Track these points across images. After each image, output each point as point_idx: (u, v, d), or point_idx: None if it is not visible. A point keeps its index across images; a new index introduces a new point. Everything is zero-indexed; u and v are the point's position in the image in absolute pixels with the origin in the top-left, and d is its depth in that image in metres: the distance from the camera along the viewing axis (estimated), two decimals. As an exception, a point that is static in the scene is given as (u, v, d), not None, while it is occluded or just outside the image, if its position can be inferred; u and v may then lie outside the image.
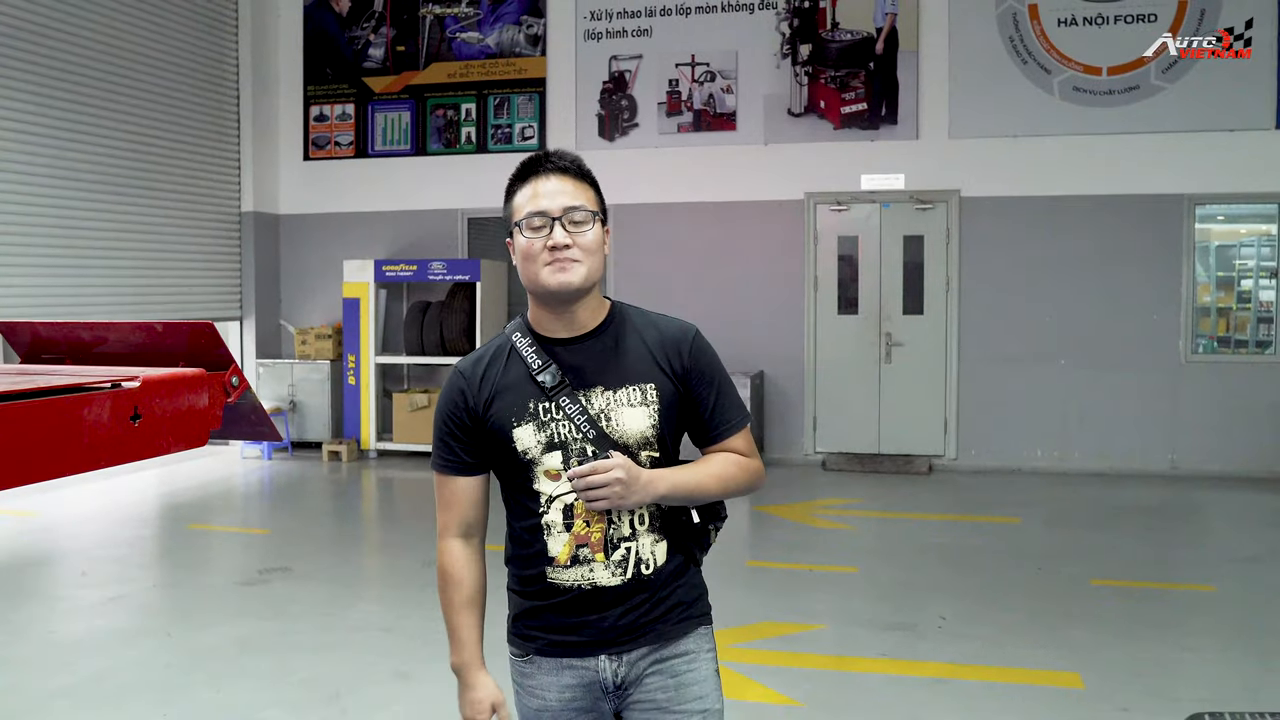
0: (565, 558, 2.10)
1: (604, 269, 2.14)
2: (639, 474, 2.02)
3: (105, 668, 4.99)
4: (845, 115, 10.38)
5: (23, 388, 2.05)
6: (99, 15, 9.76)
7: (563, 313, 2.12)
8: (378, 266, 11.09)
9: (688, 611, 2.17)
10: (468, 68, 11.37)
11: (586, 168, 2.17)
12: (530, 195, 2.09)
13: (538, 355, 2.12)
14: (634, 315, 2.21)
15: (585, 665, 2.13)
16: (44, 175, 9.24)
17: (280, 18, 11.93)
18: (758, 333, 10.60)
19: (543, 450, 2.09)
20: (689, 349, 2.16)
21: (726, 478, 2.15)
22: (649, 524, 2.12)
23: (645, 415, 2.10)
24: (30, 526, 8.12)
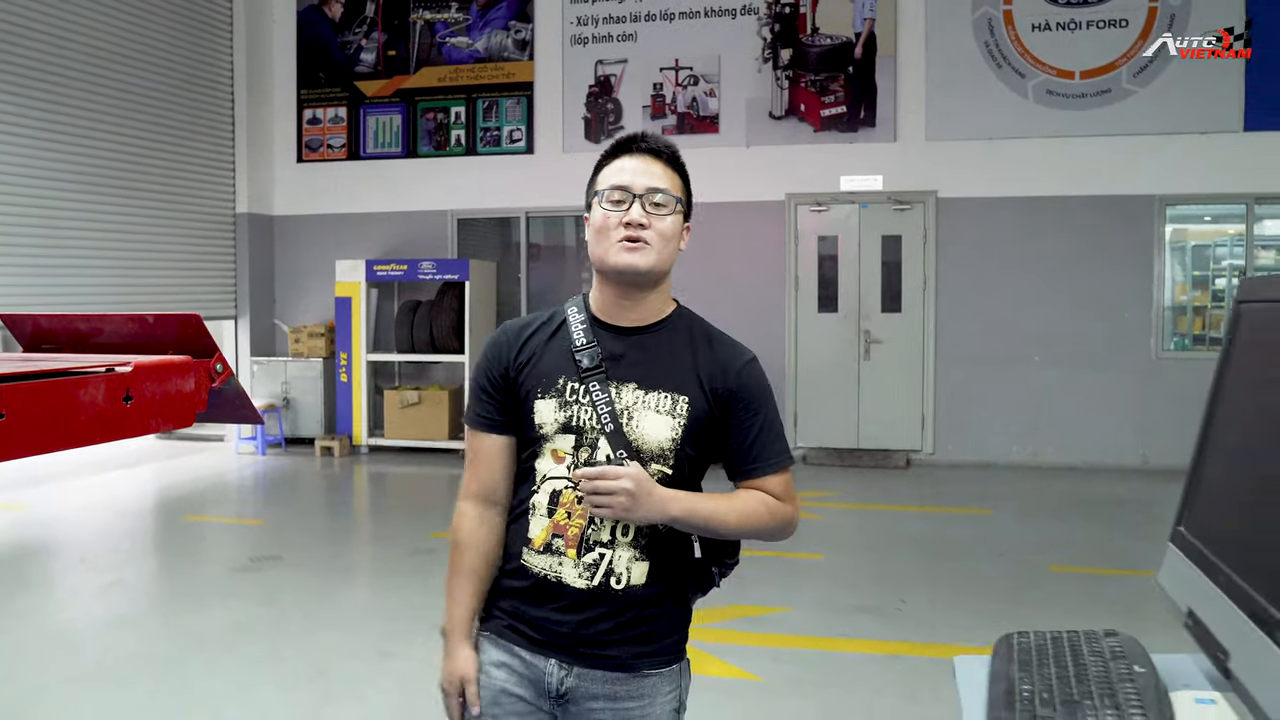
0: (540, 543, 2.01)
1: (673, 261, 2.04)
2: (652, 490, 1.89)
3: (104, 651, 5.23)
4: (825, 118, 10.62)
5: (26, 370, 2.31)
6: (97, 21, 10.00)
7: (623, 298, 2.04)
8: (369, 266, 11.33)
9: (655, 648, 2.03)
10: (457, 72, 11.62)
11: (680, 157, 2.08)
12: (617, 170, 2.02)
13: (585, 334, 2.03)
14: (695, 324, 2.10)
15: (532, 661, 2.03)
16: (44, 178, 9.48)
17: (274, 23, 12.18)
18: (739, 330, 10.50)
19: (557, 429, 2.00)
20: (737, 372, 2.03)
21: (749, 516, 1.99)
22: (633, 537, 1.99)
23: (669, 426, 1.97)
24: (27, 519, 8.36)
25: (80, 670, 4.94)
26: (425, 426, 11.10)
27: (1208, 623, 1.25)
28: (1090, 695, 1.27)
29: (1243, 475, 1.25)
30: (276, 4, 12.16)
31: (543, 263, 11.86)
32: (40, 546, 7.60)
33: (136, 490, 9.56)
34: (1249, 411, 1.29)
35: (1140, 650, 1.43)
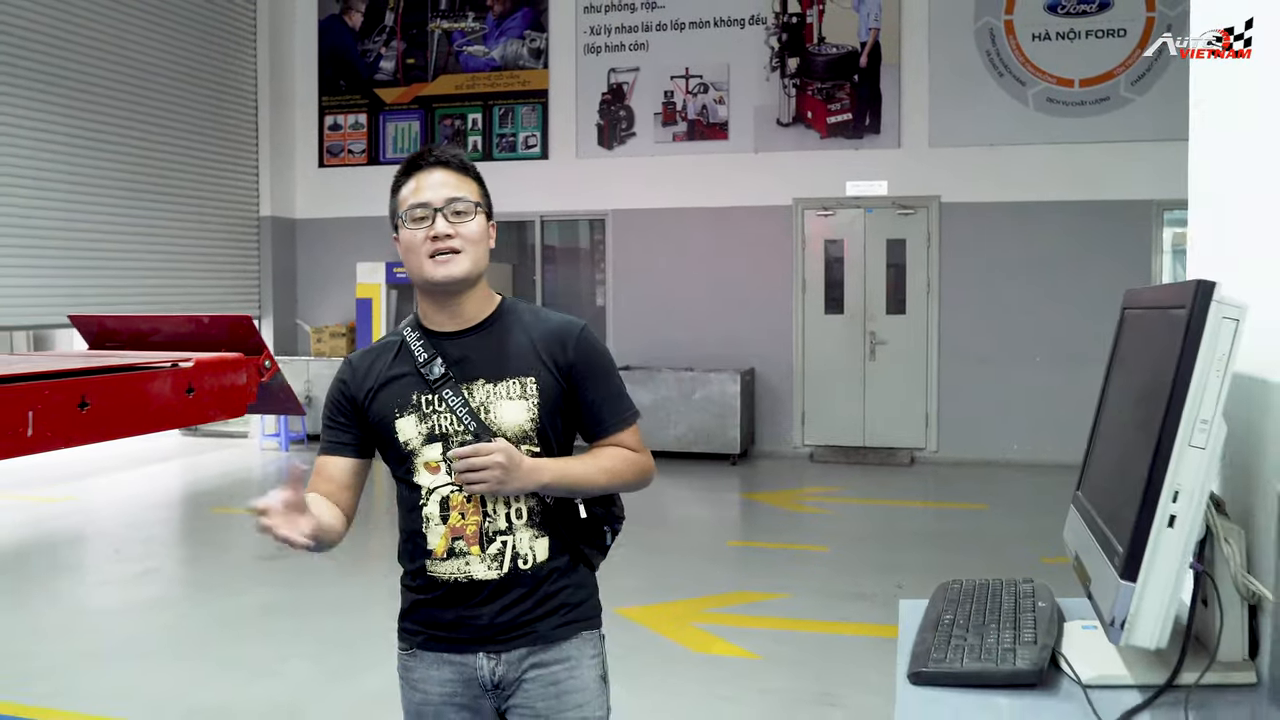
0: (442, 550, 2.08)
1: (486, 262, 2.13)
2: (521, 460, 1.98)
3: (139, 630, 5.59)
4: (831, 125, 10.93)
5: (104, 364, 2.66)
6: (127, 34, 10.38)
7: (448, 305, 2.12)
8: (389, 269, 11.68)
9: (571, 614, 2.13)
10: (474, 80, 11.96)
11: (469, 162, 2.17)
12: (413, 189, 2.09)
13: (425, 348, 2.12)
14: (523, 310, 2.20)
15: (464, 661, 2.11)
16: (78, 184, 9.85)
17: (296, 33, 12.55)
18: (748, 331, 11.16)
19: (423, 442, 2.08)
20: (573, 343, 2.13)
21: (614, 471, 2.13)
22: (527, 518, 2.09)
23: (524, 409, 2.07)
24: (62, 511, 8.73)
25: (115, 645, 5.30)
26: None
27: (1083, 561, 1.56)
28: (997, 622, 1.59)
29: (1113, 447, 1.57)
30: (299, 14, 12.53)
31: (558, 265, 12.19)
32: (77, 536, 7.96)
33: (167, 485, 9.93)
34: (1122, 396, 1.61)
35: (1048, 592, 1.75)
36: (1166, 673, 1.35)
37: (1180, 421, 1.22)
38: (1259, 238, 1.72)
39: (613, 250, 11.69)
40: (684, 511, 8.95)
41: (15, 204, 9.05)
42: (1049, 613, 1.62)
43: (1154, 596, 1.25)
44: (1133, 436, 1.42)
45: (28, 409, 2.28)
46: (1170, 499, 1.24)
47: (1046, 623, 1.57)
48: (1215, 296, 1.22)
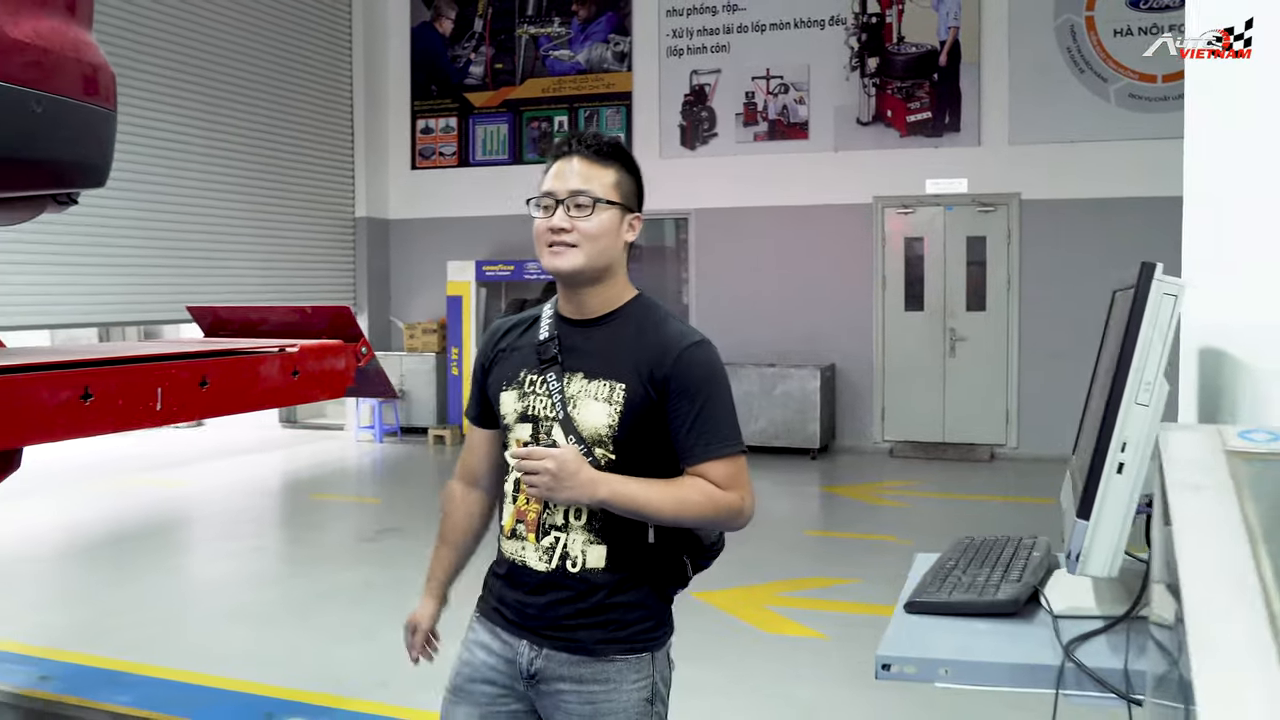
0: (508, 528, 2.13)
1: (614, 256, 2.08)
2: (577, 471, 1.92)
3: (250, 599, 6.00)
4: (911, 123, 11.04)
5: (220, 349, 3.00)
6: (235, 45, 10.91)
7: (572, 294, 2.10)
8: (478, 267, 12.08)
9: (617, 633, 2.06)
10: (560, 83, 12.30)
11: (613, 148, 2.10)
12: (548, 176, 2.08)
13: (549, 328, 2.12)
14: (644, 313, 2.12)
15: (509, 642, 2.12)
16: (191, 187, 10.40)
17: (390, 40, 13.02)
18: (829, 328, 11.31)
19: (517, 419, 2.10)
20: (674, 359, 2.03)
21: (685, 502, 2.00)
22: (586, 521, 2.05)
23: (606, 413, 2.02)
24: (177, 494, 9.26)
25: (228, 612, 5.71)
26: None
27: (1064, 515, 1.78)
28: (992, 567, 1.81)
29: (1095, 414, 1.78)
30: (392, 22, 13.00)
31: (643, 263, 12.45)
32: (193, 516, 8.47)
33: (269, 473, 10.44)
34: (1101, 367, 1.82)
35: (1046, 545, 1.96)
36: (1126, 607, 1.56)
37: (1127, 382, 1.44)
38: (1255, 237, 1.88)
39: (695, 248, 11.93)
40: (763, 503, 9.11)
41: (133, 207, 9.60)
42: (1041, 560, 1.83)
43: (1104, 533, 1.46)
44: (1098, 400, 1.63)
45: (157, 386, 2.62)
46: (1119, 449, 1.45)
47: (1035, 567, 1.79)
48: (1156, 276, 1.43)
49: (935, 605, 1.65)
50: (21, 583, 6.49)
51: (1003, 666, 1.49)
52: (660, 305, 2.16)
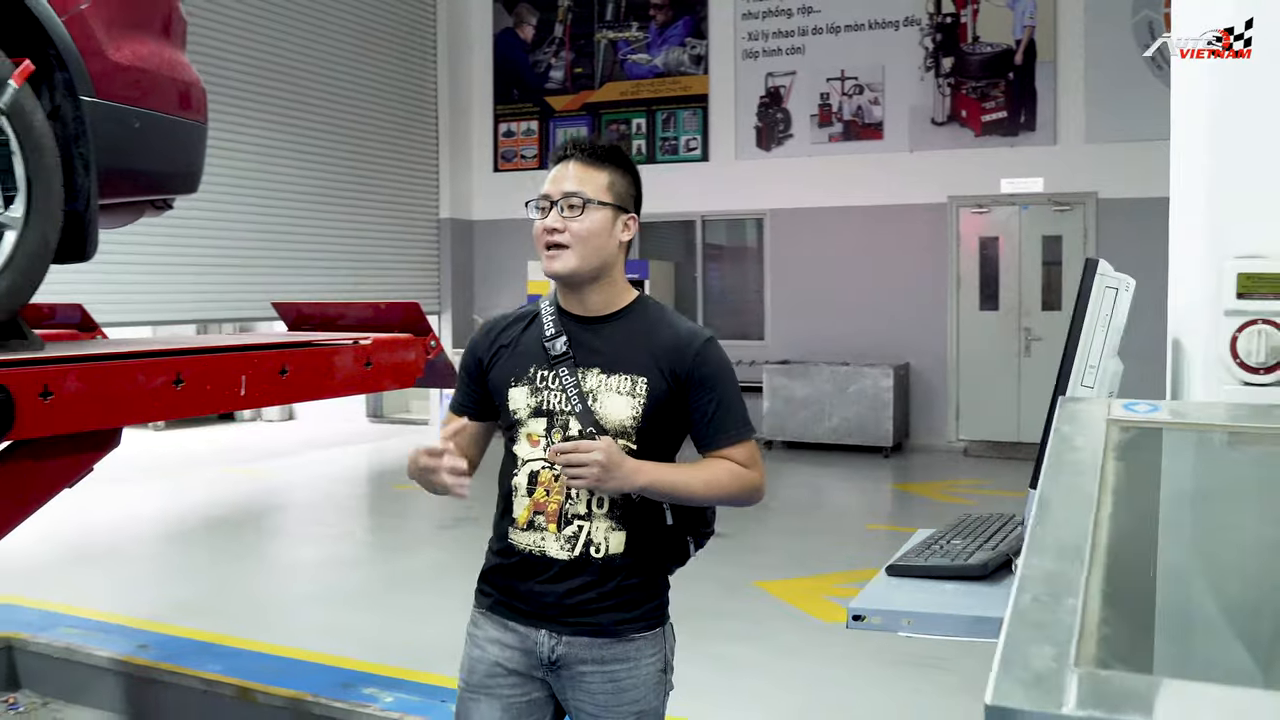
0: (523, 521, 2.17)
1: (609, 256, 2.16)
2: (622, 461, 2.01)
3: (333, 581, 6.35)
4: (986, 123, 11.06)
5: (299, 340, 3.28)
6: (326, 55, 11.37)
7: (573, 292, 2.19)
8: (558, 266, 12.34)
9: (637, 614, 2.18)
10: (638, 86, 12.55)
11: (608, 151, 2.19)
12: (546, 179, 2.18)
13: (554, 324, 2.18)
14: (654, 311, 2.23)
15: (526, 633, 2.18)
16: (282, 188, 10.87)
17: (473, 46, 13.39)
18: (903, 327, 11.38)
19: (530, 414, 2.16)
20: (692, 355, 2.15)
21: (714, 483, 2.14)
22: (608, 509, 2.13)
23: (629, 405, 2.12)
24: (267, 484, 9.71)
25: (312, 592, 6.07)
26: (606, 414, 12.04)
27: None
28: (975, 539, 1.99)
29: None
30: (475, 29, 13.37)
31: (724, 263, 12.63)
32: (279, 505, 8.89)
33: (354, 464, 10.85)
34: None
35: (1033, 521, 2.13)
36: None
37: (1074, 366, 1.61)
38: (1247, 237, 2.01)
39: (770, 248, 12.08)
40: (832, 499, 9.31)
41: (229, 210, 10.07)
42: (1023, 534, 2.00)
43: (1054, 501, 1.64)
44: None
45: (241, 373, 2.90)
46: (1067, 426, 1.62)
47: (1014, 539, 1.96)
48: (1099, 270, 1.61)
49: (912, 569, 1.84)
50: (126, 561, 6.94)
51: (960, 619, 1.66)
52: (663, 304, 2.28)
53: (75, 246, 2.73)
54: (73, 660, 4.84)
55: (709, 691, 4.47)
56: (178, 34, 3.19)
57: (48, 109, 2.61)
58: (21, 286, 2.53)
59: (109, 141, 2.75)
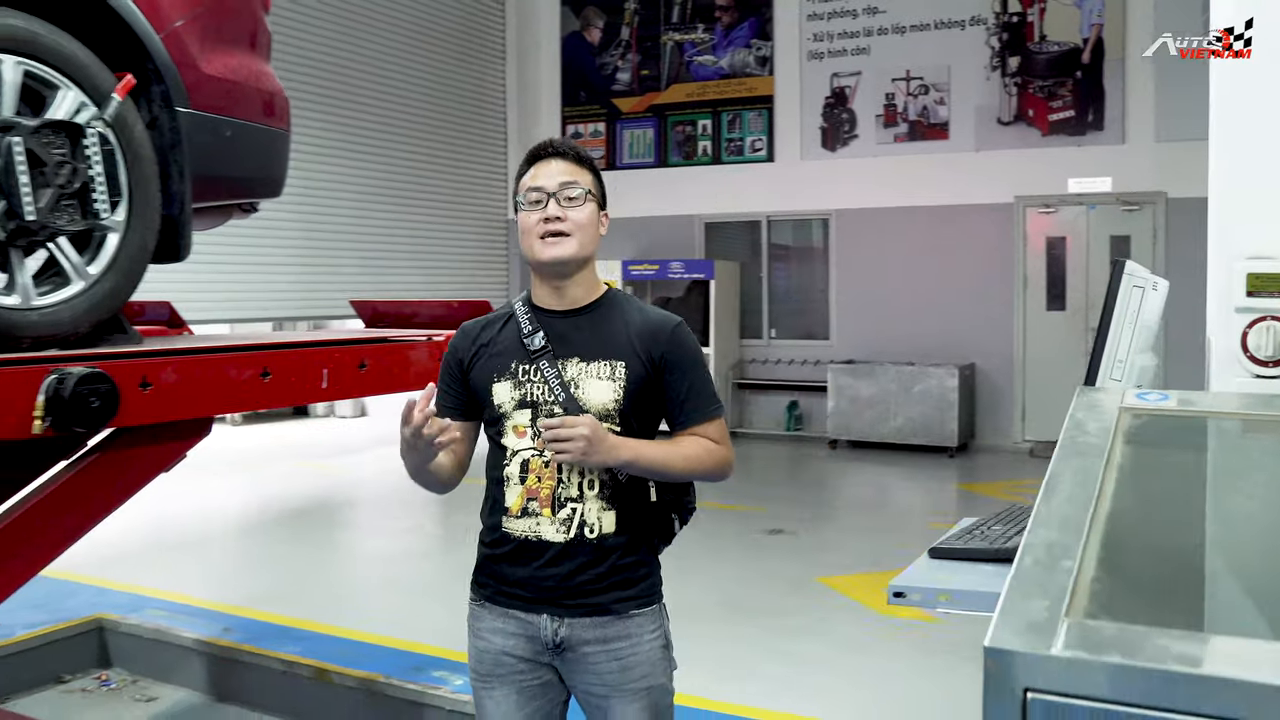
0: (517, 509, 2.24)
1: (597, 247, 2.30)
2: (605, 436, 2.10)
3: (404, 570, 6.58)
4: (1053, 122, 11.01)
5: (376, 336, 3.46)
6: (400, 59, 11.66)
7: (556, 286, 2.28)
8: (624, 266, 12.51)
9: (632, 590, 2.26)
10: (704, 88, 12.67)
11: (586, 154, 2.31)
12: (531, 176, 2.26)
13: (530, 321, 2.28)
14: (624, 301, 2.35)
15: (528, 619, 2.26)
16: (356, 190, 11.16)
17: (540, 49, 13.60)
18: (968, 327, 11.36)
19: (514, 406, 2.24)
20: (667, 338, 2.26)
21: (691, 458, 2.23)
22: (598, 490, 2.22)
23: (611, 389, 2.21)
24: (343, 478, 9.99)
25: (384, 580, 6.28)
26: (671, 412, 12.16)
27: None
28: (1018, 525, 2.09)
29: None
30: (543, 33, 13.58)
31: (789, 263, 12.69)
32: (353, 499, 9.16)
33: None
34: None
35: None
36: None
37: (1102, 360, 1.71)
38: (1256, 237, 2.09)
39: (836, 248, 12.13)
40: (896, 498, 9.36)
41: (305, 212, 10.36)
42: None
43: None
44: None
45: (323, 367, 3.08)
46: (1097, 417, 1.72)
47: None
48: (1127, 271, 1.70)
49: (952, 551, 1.94)
50: (207, 550, 7.24)
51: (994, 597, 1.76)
52: (627, 294, 2.41)
53: (170, 248, 2.92)
54: (161, 641, 5.08)
55: (778, 686, 4.60)
56: (263, 46, 3.38)
57: (146, 119, 2.79)
58: (123, 286, 2.72)
59: (201, 149, 2.94)
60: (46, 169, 2.42)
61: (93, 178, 2.51)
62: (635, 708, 2.26)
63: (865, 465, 10.57)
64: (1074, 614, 0.91)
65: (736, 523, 7.94)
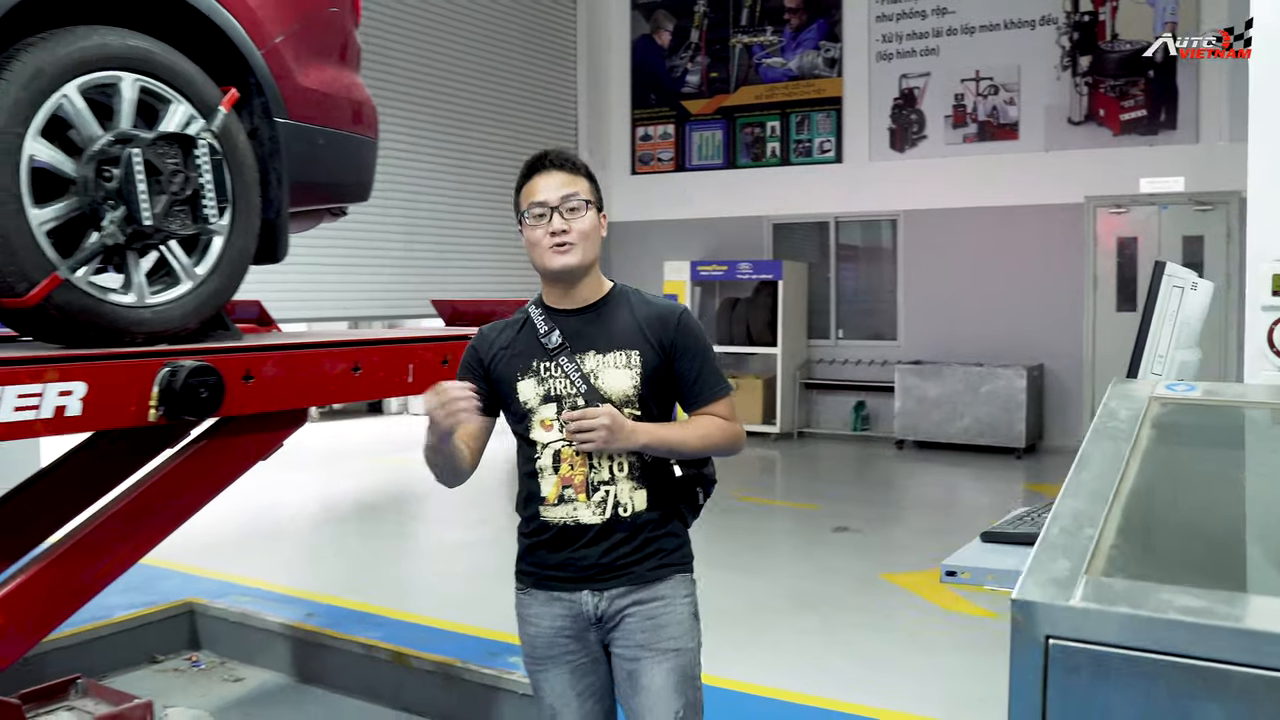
0: (553, 497, 2.38)
1: (599, 250, 2.43)
2: (624, 423, 2.27)
3: (477, 560, 6.78)
4: (1124, 122, 10.94)
5: (457, 334, 3.63)
6: (473, 62, 11.91)
7: (566, 288, 2.42)
8: (693, 267, 12.65)
9: (665, 559, 2.42)
10: (772, 90, 12.77)
11: (582, 163, 2.45)
12: (531, 190, 2.41)
13: (545, 322, 2.42)
14: (631, 294, 2.49)
15: (571, 598, 2.40)
16: (433, 193, 11.43)
17: (611, 52, 13.80)
18: (1037, 328, 11.33)
19: (540, 401, 2.39)
20: (675, 324, 2.41)
21: (706, 435, 2.39)
22: (628, 472, 2.37)
23: (628, 377, 2.37)
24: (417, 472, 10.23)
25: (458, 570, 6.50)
26: (741, 410, 12.07)
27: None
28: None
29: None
30: (614, 36, 13.77)
31: (857, 264, 12.73)
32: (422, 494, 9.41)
33: (499, 455, 11.27)
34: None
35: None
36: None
37: (1143, 356, 1.82)
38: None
39: (904, 249, 12.15)
40: (963, 498, 9.39)
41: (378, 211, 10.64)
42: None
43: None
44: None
45: (409, 363, 3.25)
46: (1140, 408, 1.83)
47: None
48: (1167, 271, 1.81)
49: (1002, 535, 2.06)
50: (289, 540, 7.54)
51: (1040, 576, 1.89)
52: (629, 286, 2.53)
53: (268, 250, 3.12)
54: (247, 624, 5.32)
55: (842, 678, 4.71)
56: (353, 58, 3.58)
57: (247, 129, 2.99)
58: (227, 286, 2.92)
59: (297, 157, 3.13)
60: (162, 177, 2.62)
61: (203, 185, 2.71)
62: (664, 668, 2.37)
63: (932, 465, 10.60)
64: (1092, 572, 1.04)
65: (803, 520, 8.05)
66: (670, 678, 2.37)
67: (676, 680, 2.38)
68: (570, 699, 2.46)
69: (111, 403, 2.45)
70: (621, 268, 13.84)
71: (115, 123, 2.61)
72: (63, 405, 2.36)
